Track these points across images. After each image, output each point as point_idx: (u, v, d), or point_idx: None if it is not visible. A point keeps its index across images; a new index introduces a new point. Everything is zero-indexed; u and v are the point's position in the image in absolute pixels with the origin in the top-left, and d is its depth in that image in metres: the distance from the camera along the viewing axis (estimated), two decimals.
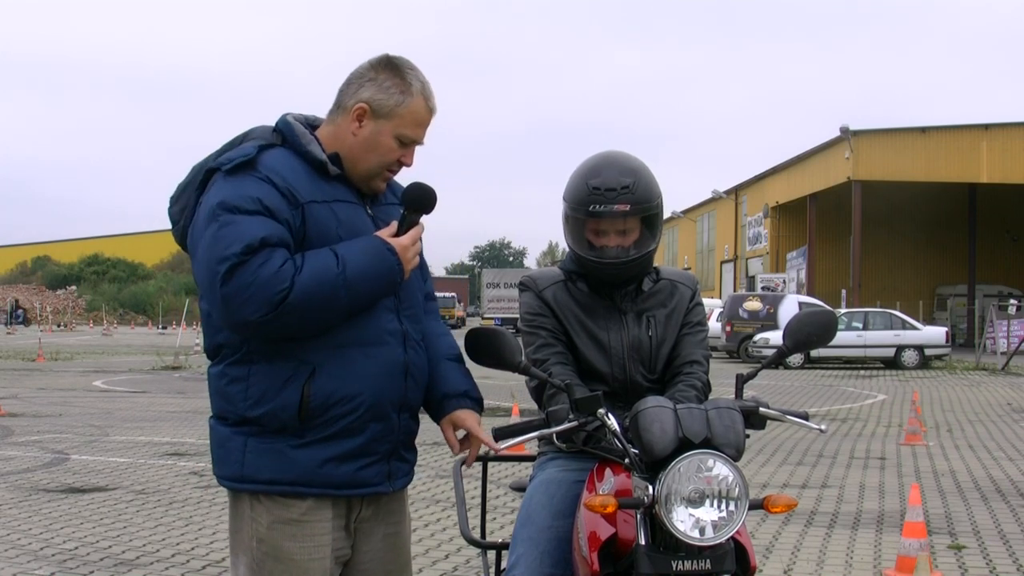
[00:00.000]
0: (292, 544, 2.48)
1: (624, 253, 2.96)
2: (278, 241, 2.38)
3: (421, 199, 2.56)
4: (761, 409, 2.67)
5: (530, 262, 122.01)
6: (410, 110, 2.54)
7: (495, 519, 7.07)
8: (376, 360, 2.51)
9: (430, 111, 2.58)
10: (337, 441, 2.47)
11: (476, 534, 3.39)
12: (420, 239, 2.58)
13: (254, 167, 2.46)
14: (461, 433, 2.69)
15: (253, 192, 2.41)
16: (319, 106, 2.68)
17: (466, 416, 2.68)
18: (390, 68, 2.55)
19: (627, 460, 2.55)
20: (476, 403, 2.71)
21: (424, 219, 2.59)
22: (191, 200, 2.53)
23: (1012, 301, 35.64)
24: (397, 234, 2.54)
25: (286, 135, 2.56)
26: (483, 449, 2.75)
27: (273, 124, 2.61)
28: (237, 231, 2.35)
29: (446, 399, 2.68)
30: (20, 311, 67.47)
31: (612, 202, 2.89)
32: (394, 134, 2.54)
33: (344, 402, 2.46)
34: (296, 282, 2.35)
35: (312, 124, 2.62)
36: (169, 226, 2.64)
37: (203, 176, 2.52)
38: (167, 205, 2.62)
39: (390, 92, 2.52)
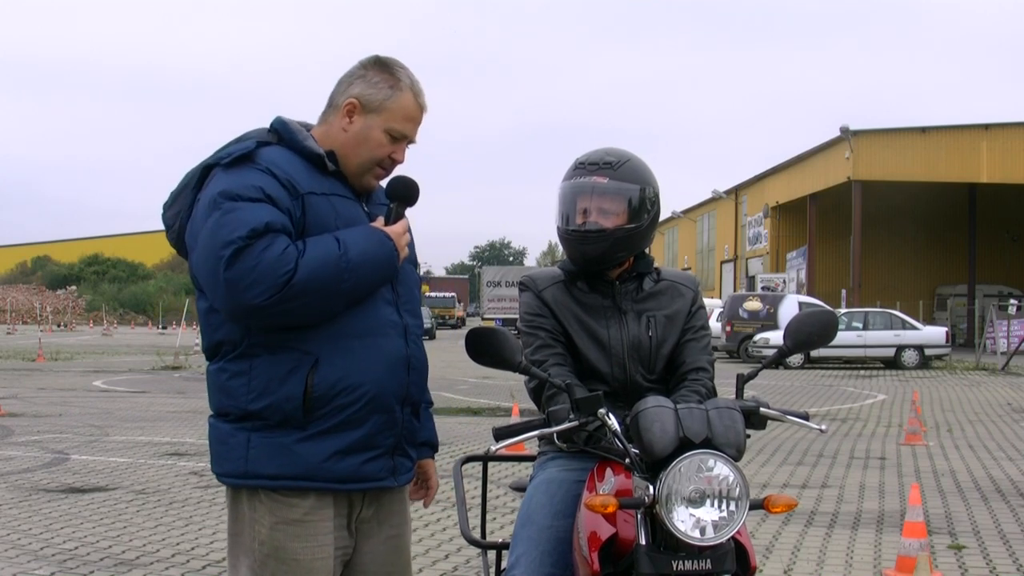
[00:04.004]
0: (296, 544, 2.48)
1: (594, 226, 2.96)
2: (281, 228, 2.38)
3: (406, 192, 2.63)
4: (762, 409, 2.66)
5: (530, 262, 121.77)
6: (399, 104, 2.57)
7: (495, 519, 7.07)
8: (378, 351, 2.52)
9: (420, 108, 2.62)
10: (340, 433, 2.47)
11: (476, 534, 3.39)
12: (409, 231, 2.63)
13: (253, 160, 2.48)
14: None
15: (255, 181, 2.42)
16: (318, 108, 2.68)
17: (427, 465, 2.92)
18: (379, 66, 2.60)
19: (628, 460, 2.55)
20: (434, 450, 2.92)
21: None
22: (187, 201, 2.53)
23: (1012, 301, 35.63)
24: (385, 225, 2.58)
25: (282, 134, 2.58)
26: (483, 449, 2.78)
27: (268, 125, 2.63)
28: (241, 217, 2.35)
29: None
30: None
31: (591, 174, 2.96)
32: (384, 128, 2.57)
33: (347, 392, 2.46)
34: (300, 264, 2.35)
35: (306, 127, 2.64)
36: None
37: (200, 174, 2.53)
38: (161, 211, 2.61)
39: (379, 87, 2.56)
